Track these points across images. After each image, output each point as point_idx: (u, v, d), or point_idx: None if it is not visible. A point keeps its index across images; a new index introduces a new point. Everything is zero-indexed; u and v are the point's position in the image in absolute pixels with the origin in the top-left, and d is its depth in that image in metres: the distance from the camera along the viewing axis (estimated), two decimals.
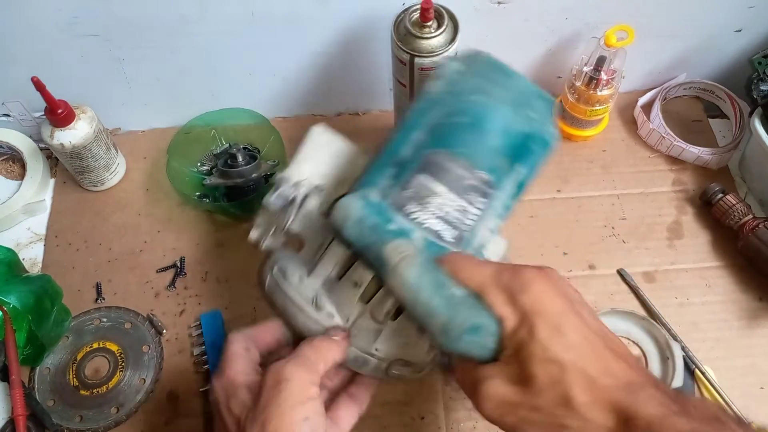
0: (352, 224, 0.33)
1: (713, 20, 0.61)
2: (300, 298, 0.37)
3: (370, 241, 0.33)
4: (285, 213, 0.40)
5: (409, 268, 0.31)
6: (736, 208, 0.57)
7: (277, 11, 0.55)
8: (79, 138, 0.57)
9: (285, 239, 0.41)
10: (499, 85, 0.38)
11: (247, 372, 0.35)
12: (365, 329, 0.36)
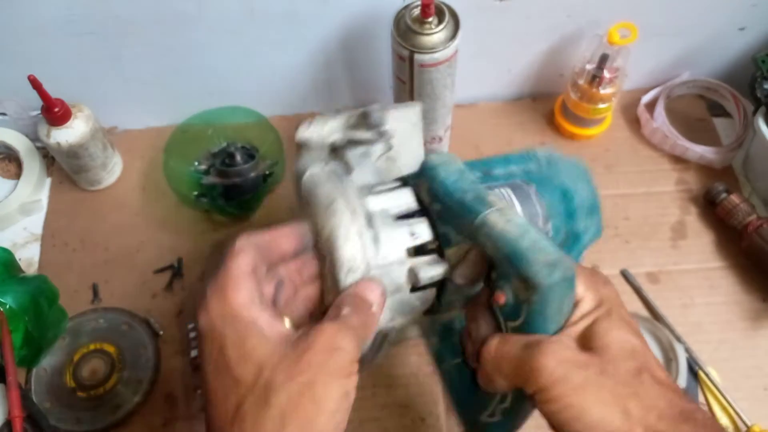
0: (452, 171, 0.34)
1: (717, 18, 0.60)
2: (356, 208, 0.32)
3: (470, 188, 0.33)
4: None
5: (515, 214, 0.32)
6: (740, 208, 0.56)
7: (276, 8, 0.54)
8: (75, 137, 0.56)
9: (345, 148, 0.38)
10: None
11: (258, 305, 0.29)
12: (396, 297, 0.33)
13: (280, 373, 0.27)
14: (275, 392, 0.27)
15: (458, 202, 0.32)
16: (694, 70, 0.66)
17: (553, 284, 0.28)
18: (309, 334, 0.28)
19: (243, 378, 0.27)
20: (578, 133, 0.64)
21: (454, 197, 0.33)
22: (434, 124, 0.57)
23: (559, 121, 0.64)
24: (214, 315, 0.29)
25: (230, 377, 0.28)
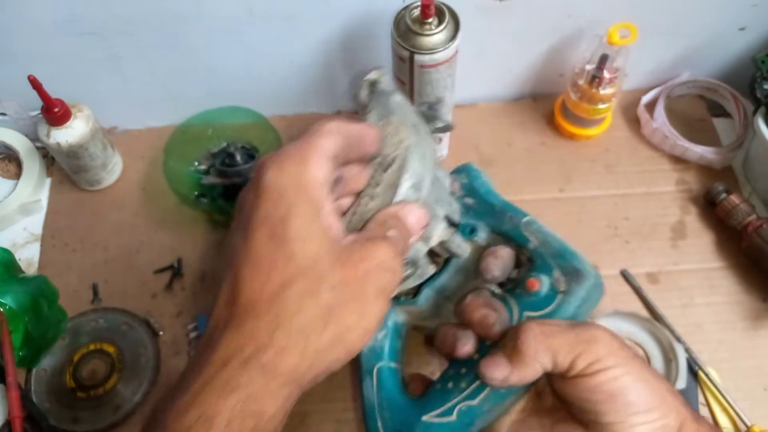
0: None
1: (717, 18, 0.60)
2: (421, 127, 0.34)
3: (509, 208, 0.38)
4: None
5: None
6: (740, 208, 0.56)
7: (275, 8, 0.54)
8: (75, 137, 0.56)
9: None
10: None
11: (328, 193, 0.27)
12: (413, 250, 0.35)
13: (336, 271, 0.26)
14: (327, 288, 0.25)
15: (502, 202, 0.38)
16: (694, 70, 0.66)
17: (599, 278, 0.33)
18: (366, 246, 0.27)
19: (299, 257, 0.25)
20: (578, 133, 0.64)
21: (497, 197, 0.38)
22: None
23: (559, 121, 0.64)
24: (288, 178, 0.26)
25: (285, 251, 0.25)
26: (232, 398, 0.24)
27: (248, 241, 0.26)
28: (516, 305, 0.34)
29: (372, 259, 0.27)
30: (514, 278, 0.36)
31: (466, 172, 0.40)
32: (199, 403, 0.24)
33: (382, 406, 0.37)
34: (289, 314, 0.25)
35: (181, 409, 0.24)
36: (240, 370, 0.24)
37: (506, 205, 0.38)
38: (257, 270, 0.25)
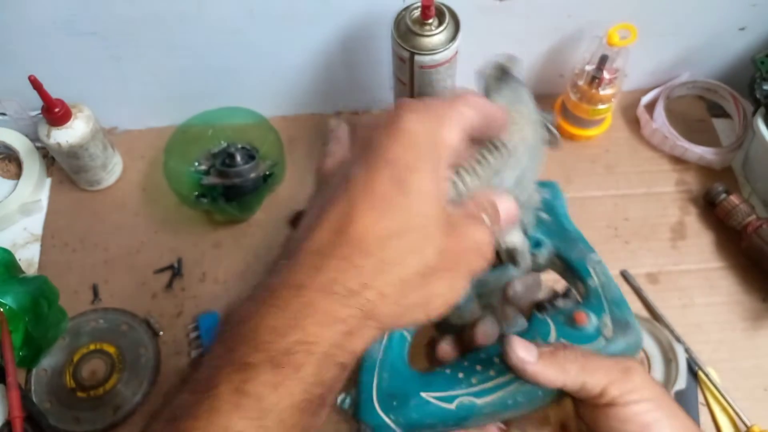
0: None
1: (717, 18, 0.60)
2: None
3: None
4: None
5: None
6: (740, 209, 0.56)
7: (276, 8, 0.54)
8: (75, 137, 0.56)
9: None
10: None
11: (450, 160, 0.27)
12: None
13: (441, 237, 0.25)
14: (432, 251, 0.25)
15: (575, 230, 0.38)
16: (694, 70, 0.66)
17: (640, 337, 0.35)
18: (468, 223, 0.27)
19: (414, 211, 0.25)
20: (578, 134, 0.64)
21: (572, 224, 0.39)
22: None
23: (559, 122, 0.64)
24: (425, 129, 0.26)
25: (403, 199, 0.25)
26: (332, 330, 0.23)
27: (371, 177, 0.25)
28: (554, 331, 0.34)
29: (471, 238, 0.27)
30: (560, 306, 0.36)
31: (550, 189, 0.40)
32: (300, 327, 0.23)
33: (383, 366, 0.36)
34: (394, 263, 0.24)
35: (279, 327, 0.23)
36: (342, 303, 0.24)
37: (579, 235, 0.38)
38: (374, 208, 0.25)
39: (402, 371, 0.36)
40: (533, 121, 0.34)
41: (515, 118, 0.33)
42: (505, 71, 0.36)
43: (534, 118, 0.34)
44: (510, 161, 0.31)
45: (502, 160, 0.31)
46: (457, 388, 0.34)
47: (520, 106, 0.34)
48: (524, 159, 0.32)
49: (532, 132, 0.33)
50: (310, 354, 0.23)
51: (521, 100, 0.34)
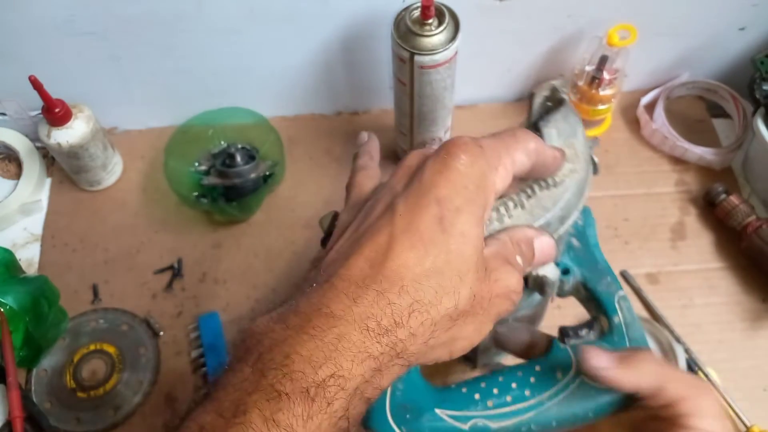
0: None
1: (717, 18, 0.60)
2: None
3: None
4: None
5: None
6: (740, 209, 0.56)
7: (275, 8, 0.54)
8: (76, 137, 0.56)
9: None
10: None
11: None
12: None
13: (475, 282, 0.26)
14: (465, 295, 0.25)
15: (605, 262, 0.37)
16: (694, 71, 0.66)
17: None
18: (501, 268, 0.27)
19: (454, 254, 0.25)
20: None
21: (602, 255, 0.37)
22: (434, 126, 0.57)
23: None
24: (478, 172, 0.26)
25: (446, 241, 0.25)
26: (364, 366, 0.23)
27: (417, 213, 0.25)
28: (573, 359, 0.34)
29: (503, 284, 0.27)
30: (582, 336, 0.35)
31: (583, 214, 0.39)
32: (334, 361, 0.23)
33: (397, 378, 0.36)
34: (427, 302, 0.24)
35: (314, 358, 0.23)
36: (376, 340, 0.24)
37: (608, 268, 0.37)
38: (415, 246, 0.25)
39: (417, 383, 0.35)
40: (586, 159, 0.33)
41: (569, 155, 0.33)
42: (559, 99, 0.36)
43: (586, 154, 0.34)
44: (560, 198, 0.31)
45: (551, 196, 0.31)
46: (472, 408, 0.33)
47: (574, 140, 0.33)
48: (573, 198, 0.32)
49: (584, 169, 0.33)
50: (342, 389, 0.23)
51: (575, 133, 0.34)
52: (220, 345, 0.53)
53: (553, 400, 0.33)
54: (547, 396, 0.33)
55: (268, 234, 0.60)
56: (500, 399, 0.33)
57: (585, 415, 0.33)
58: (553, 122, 0.34)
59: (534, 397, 0.33)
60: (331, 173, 0.63)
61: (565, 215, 0.32)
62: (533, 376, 0.34)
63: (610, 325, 0.35)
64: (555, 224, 0.32)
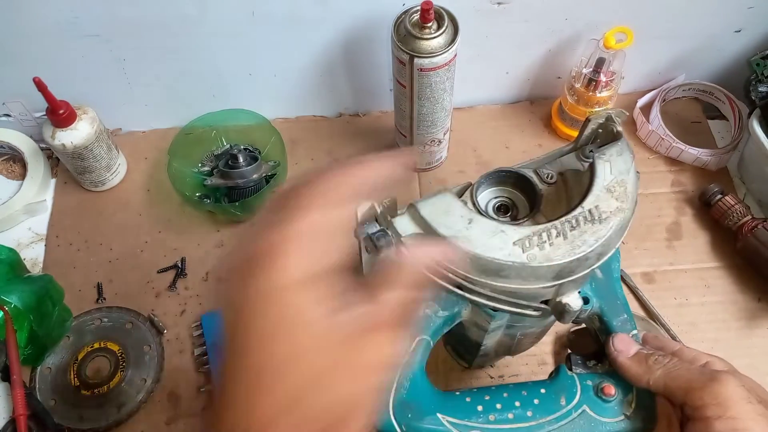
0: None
1: (713, 21, 0.61)
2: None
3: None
4: None
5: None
6: (735, 209, 0.57)
7: (277, 12, 0.55)
8: (80, 138, 0.57)
9: None
10: None
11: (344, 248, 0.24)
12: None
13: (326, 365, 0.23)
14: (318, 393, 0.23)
15: (624, 298, 0.37)
16: (690, 72, 0.67)
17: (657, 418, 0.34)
18: (364, 336, 0.24)
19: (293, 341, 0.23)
20: (575, 136, 0.64)
21: (622, 291, 0.38)
22: (433, 127, 0.58)
23: (556, 124, 0.65)
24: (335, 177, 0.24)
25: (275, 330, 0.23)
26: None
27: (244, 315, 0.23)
28: (580, 393, 0.34)
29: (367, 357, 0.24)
30: (590, 367, 0.36)
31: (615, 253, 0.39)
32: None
33: (404, 374, 0.35)
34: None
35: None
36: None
37: (626, 305, 0.37)
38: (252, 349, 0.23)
39: (421, 384, 0.35)
40: (634, 198, 0.33)
41: (618, 193, 0.33)
42: (614, 131, 0.36)
43: (635, 194, 0.34)
44: (602, 234, 0.32)
45: (594, 232, 0.32)
46: (474, 419, 0.34)
47: (626, 178, 0.34)
48: (614, 234, 0.32)
49: (631, 209, 0.33)
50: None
51: (628, 170, 0.34)
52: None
53: (554, 425, 0.33)
54: (549, 420, 0.33)
55: None
56: (502, 415, 0.34)
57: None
58: (607, 156, 0.34)
59: (535, 419, 0.33)
60: None
61: (604, 251, 0.32)
62: (537, 398, 0.34)
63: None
64: (592, 259, 0.32)
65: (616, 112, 0.36)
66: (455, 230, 0.32)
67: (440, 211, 0.33)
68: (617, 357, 0.34)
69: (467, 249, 0.31)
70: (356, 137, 0.66)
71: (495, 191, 0.38)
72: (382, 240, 0.33)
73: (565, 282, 0.32)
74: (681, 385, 0.31)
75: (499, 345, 0.43)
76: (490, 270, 0.32)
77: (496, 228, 0.32)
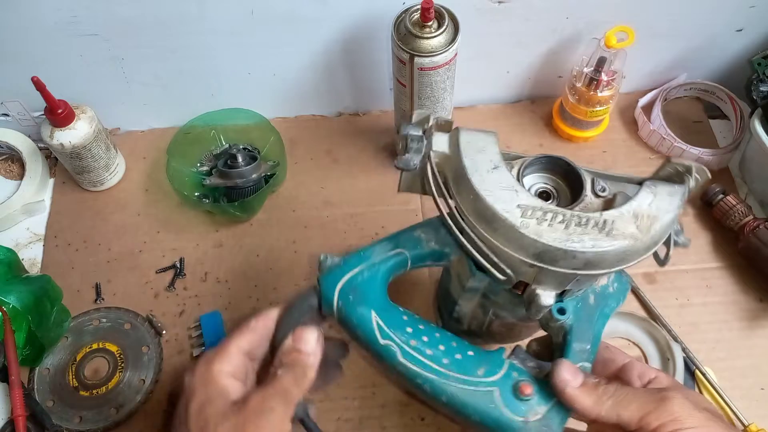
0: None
1: (714, 20, 0.61)
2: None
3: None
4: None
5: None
6: (737, 209, 0.57)
7: (276, 10, 0.55)
8: (78, 138, 0.57)
9: None
10: None
11: (233, 376, 0.34)
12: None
13: (219, 429, 0.31)
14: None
15: (599, 333, 0.36)
16: (691, 72, 0.66)
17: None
18: (247, 398, 0.32)
19: (192, 430, 0.32)
20: (576, 135, 0.64)
21: (605, 324, 0.37)
22: None
23: (557, 124, 0.65)
24: (197, 375, 0.34)
25: (185, 429, 0.32)
26: None
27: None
28: (502, 372, 0.34)
29: (254, 404, 0.32)
30: (530, 366, 0.36)
31: (618, 284, 0.38)
32: None
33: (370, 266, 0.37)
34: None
35: None
36: None
37: (596, 339, 0.37)
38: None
39: (377, 282, 0.36)
40: (653, 242, 0.33)
41: (641, 226, 0.32)
42: (681, 178, 0.35)
43: (657, 239, 0.33)
44: (599, 245, 0.31)
45: (594, 238, 0.32)
46: (398, 334, 0.35)
47: (660, 217, 0.33)
48: (612, 257, 0.32)
49: (643, 248, 0.32)
50: None
51: (668, 211, 0.33)
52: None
53: (458, 384, 0.34)
54: (457, 377, 0.34)
55: (269, 234, 0.60)
56: (422, 347, 0.35)
57: (471, 414, 0.33)
58: (657, 189, 0.34)
59: (447, 368, 0.34)
60: (331, 174, 0.63)
61: (594, 263, 0.32)
62: (461, 354, 0.35)
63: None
64: (578, 262, 0.32)
65: (698, 168, 0.35)
66: (477, 167, 0.33)
67: (477, 146, 0.35)
68: (564, 388, 0.33)
69: (476, 187, 0.33)
70: (356, 137, 0.66)
71: (543, 177, 0.37)
72: (414, 144, 0.36)
73: (545, 269, 0.32)
74: (634, 412, 0.31)
75: (472, 317, 0.43)
76: (485, 217, 0.33)
77: (512, 185, 0.33)
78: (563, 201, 0.36)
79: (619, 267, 0.33)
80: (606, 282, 0.38)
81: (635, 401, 0.32)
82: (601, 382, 0.33)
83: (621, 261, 0.32)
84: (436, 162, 0.36)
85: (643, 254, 0.33)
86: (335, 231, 0.60)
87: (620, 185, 0.36)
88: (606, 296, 0.38)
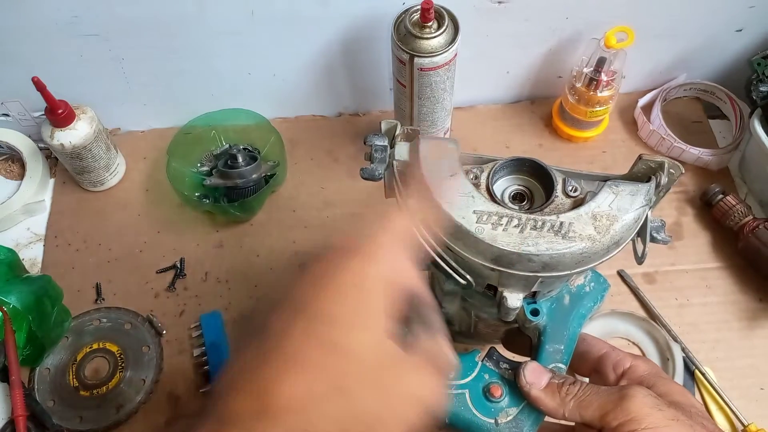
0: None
1: (714, 20, 0.61)
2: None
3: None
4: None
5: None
6: (736, 209, 0.57)
7: (276, 11, 0.55)
8: (79, 138, 0.57)
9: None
10: None
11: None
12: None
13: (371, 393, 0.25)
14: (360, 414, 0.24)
15: (575, 334, 0.37)
16: (691, 72, 0.66)
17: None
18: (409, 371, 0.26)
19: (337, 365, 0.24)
20: (575, 136, 0.64)
21: (580, 326, 0.37)
22: (433, 127, 0.58)
23: (557, 124, 0.65)
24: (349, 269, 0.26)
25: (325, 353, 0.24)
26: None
27: (294, 337, 0.24)
28: (474, 375, 0.34)
29: (409, 392, 0.26)
30: (501, 368, 0.36)
31: (596, 288, 0.39)
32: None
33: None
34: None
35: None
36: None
37: (571, 340, 0.37)
38: (302, 371, 0.24)
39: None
40: (612, 241, 0.33)
41: (599, 226, 0.33)
42: (657, 177, 0.35)
43: (618, 239, 0.33)
44: (555, 249, 0.32)
45: (549, 242, 0.32)
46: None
47: (620, 217, 0.33)
48: (569, 260, 0.32)
49: (603, 249, 0.33)
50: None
51: (628, 211, 0.33)
52: (222, 344, 0.53)
53: None
54: None
55: (269, 234, 0.60)
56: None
57: (443, 417, 0.34)
58: (618, 189, 0.34)
59: None
60: (332, 174, 0.64)
61: (552, 266, 0.32)
62: None
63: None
64: (536, 265, 0.32)
65: (671, 163, 0.35)
66: (434, 175, 0.34)
67: (435, 154, 0.35)
68: (530, 390, 0.33)
69: (435, 197, 0.33)
70: (356, 137, 0.66)
71: (517, 179, 0.38)
72: (378, 154, 0.36)
73: (506, 272, 0.33)
74: (594, 411, 0.31)
75: (461, 320, 0.43)
76: (444, 224, 0.33)
77: (468, 191, 0.33)
78: (538, 202, 0.36)
79: (582, 268, 0.33)
80: (582, 281, 0.38)
81: (596, 401, 0.32)
82: (566, 382, 0.33)
83: (580, 262, 0.33)
84: (399, 170, 0.36)
85: (604, 255, 0.33)
86: (335, 231, 0.60)
87: (593, 185, 0.36)
88: (582, 296, 0.38)
